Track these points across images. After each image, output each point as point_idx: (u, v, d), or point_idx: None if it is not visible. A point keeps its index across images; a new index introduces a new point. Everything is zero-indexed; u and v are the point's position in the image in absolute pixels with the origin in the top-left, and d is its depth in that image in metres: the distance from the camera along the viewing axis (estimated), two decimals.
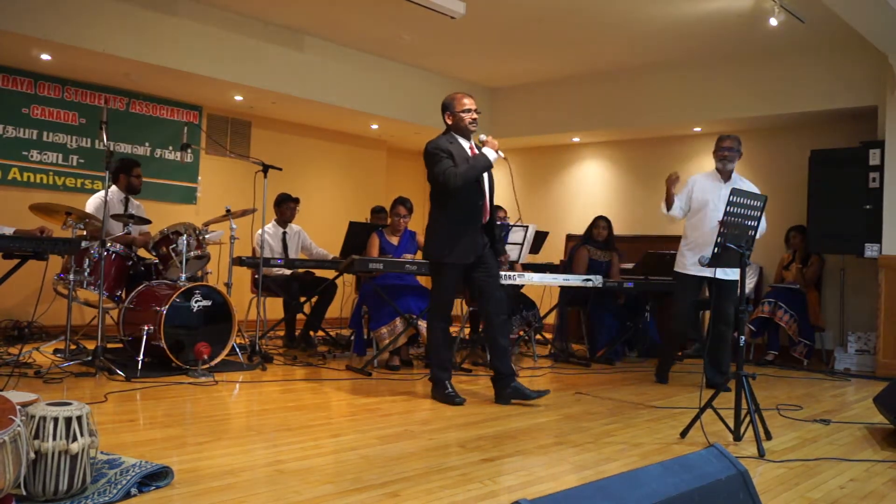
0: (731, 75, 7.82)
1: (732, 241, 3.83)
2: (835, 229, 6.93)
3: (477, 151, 4.56)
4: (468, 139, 4.62)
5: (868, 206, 6.74)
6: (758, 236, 5.36)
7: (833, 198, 6.97)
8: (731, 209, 3.84)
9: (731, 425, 3.72)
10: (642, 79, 8.43)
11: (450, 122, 4.62)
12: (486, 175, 4.59)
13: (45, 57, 6.55)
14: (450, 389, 4.54)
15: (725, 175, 5.40)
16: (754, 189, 5.38)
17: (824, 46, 7.16)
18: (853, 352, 6.94)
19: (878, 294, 6.63)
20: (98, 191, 6.26)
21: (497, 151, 4.51)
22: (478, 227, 4.58)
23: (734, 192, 3.89)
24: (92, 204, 5.93)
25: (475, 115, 4.58)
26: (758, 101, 7.65)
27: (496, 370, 4.60)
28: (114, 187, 5.99)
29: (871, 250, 6.69)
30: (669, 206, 5.49)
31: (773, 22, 6.24)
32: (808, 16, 6.30)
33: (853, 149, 7.02)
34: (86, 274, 5.17)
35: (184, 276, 5.35)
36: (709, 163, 8.66)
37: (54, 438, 2.32)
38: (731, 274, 5.25)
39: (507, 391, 4.54)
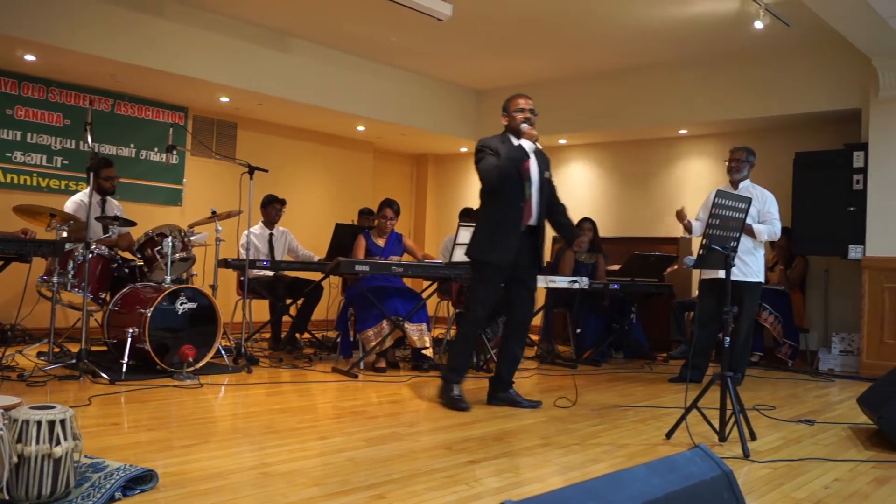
0: (716, 78, 7.86)
1: (717, 243, 3.84)
2: (819, 231, 6.98)
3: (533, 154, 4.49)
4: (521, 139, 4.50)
5: (852, 208, 6.80)
6: (767, 238, 5.54)
7: (817, 200, 7.02)
8: (717, 211, 3.85)
9: (717, 426, 3.74)
10: (628, 81, 8.46)
11: (505, 122, 4.58)
12: (535, 176, 4.49)
13: (30, 57, 6.50)
14: (456, 392, 4.45)
15: (734, 184, 5.63)
16: (767, 195, 5.53)
17: (808, 50, 7.22)
18: (837, 352, 6.99)
19: (861, 295, 6.68)
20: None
21: (535, 143, 4.40)
22: (517, 229, 4.43)
23: (719, 193, 3.90)
24: (69, 207, 5.89)
25: (528, 115, 4.48)
26: (743, 103, 7.70)
27: (498, 374, 4.61)
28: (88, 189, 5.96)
29: (854, 252, 6.74)
30: (690, 231, 5.69)
31: (759, 25, 6.28)
32: (792, 19, 6.35)
33: (837, 151, 7.07)
34: (70, 276, 5.14)
35: (169, 278, 5.32)
36: (694, 165, 8.76)
37: (37, 442, 2.30)
38: (748, 275, 5.46)
39: (501, 395, 4.56)
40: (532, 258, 4.56)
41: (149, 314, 4.94)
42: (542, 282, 6.18)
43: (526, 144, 4.41)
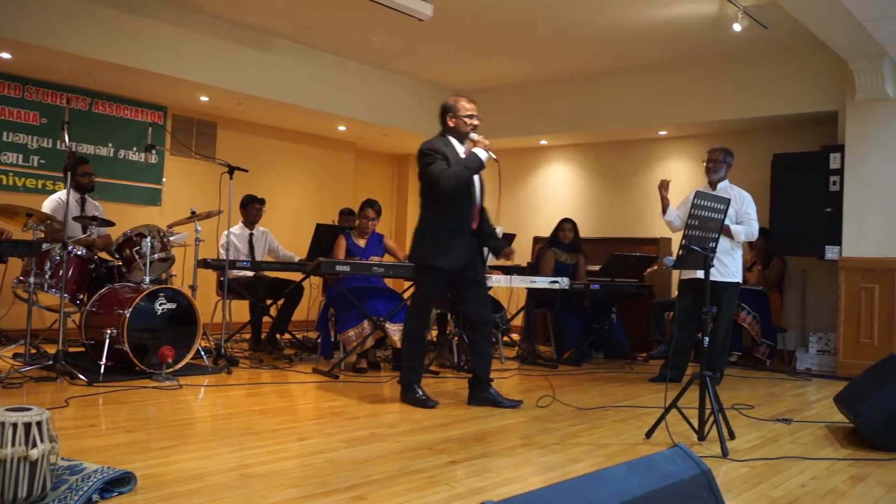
0: (695, 80, 7.92)
1: (696, 244, 3.86)
2: (796, 232, 7.05)
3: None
4: (462, 143, 4.56)
5: (828, 209, 6.87)
6: (744, 239, 5.59)
7: (795, 201, 7.09)
8: (696, 212, 3.88)
9: (696, 425, 3.77)
10: (609, 82, 8.49)
11: (451, 124, 4.56)
12: (476, 179, 4.56)
13: (6, 55, 6.42)
14: (420, 393, 4.53)
15: (712, 185, 5.69)
16: (745, 196, 5.59)
17: (786, 52, 7.28)
18: (814, 352, 7.06)
19: (838, 295, 6.75)
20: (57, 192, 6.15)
21: (488, 152, 4.46)
22: (468, 233, 4.51)
23: (698, 194, 3.93)
24: (48, 206, 5.82)
25: (476, 122, 4.55)
26: (721, 105, 7.75)
27: (475, 374, 4.63)
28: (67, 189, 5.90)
29: (831, 252, 6.81)
30: (665, 209, 5.72)
31: (737, 27, 6.34)
32: (770, 22, 6.40)
33: (814, 153, 7.15)
34: (47, 277, 5.08)
35: (147, 278, 5.27)
36: (673, 166, 8.81)
37: (13, 444, 2.27)
38: (726, 276, 5.51)
39: (481, 395, 4.58)
40: (477, 256, 4.62)
41: (127, 315, 4.90)
42: (524, 282, 6.19)
43: (480, 153, 4.44)
